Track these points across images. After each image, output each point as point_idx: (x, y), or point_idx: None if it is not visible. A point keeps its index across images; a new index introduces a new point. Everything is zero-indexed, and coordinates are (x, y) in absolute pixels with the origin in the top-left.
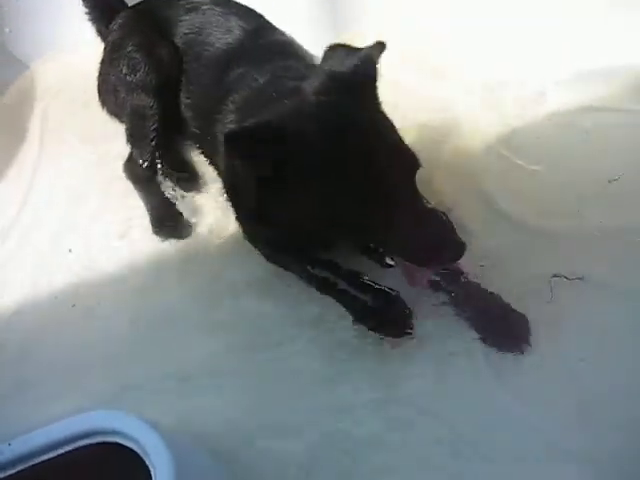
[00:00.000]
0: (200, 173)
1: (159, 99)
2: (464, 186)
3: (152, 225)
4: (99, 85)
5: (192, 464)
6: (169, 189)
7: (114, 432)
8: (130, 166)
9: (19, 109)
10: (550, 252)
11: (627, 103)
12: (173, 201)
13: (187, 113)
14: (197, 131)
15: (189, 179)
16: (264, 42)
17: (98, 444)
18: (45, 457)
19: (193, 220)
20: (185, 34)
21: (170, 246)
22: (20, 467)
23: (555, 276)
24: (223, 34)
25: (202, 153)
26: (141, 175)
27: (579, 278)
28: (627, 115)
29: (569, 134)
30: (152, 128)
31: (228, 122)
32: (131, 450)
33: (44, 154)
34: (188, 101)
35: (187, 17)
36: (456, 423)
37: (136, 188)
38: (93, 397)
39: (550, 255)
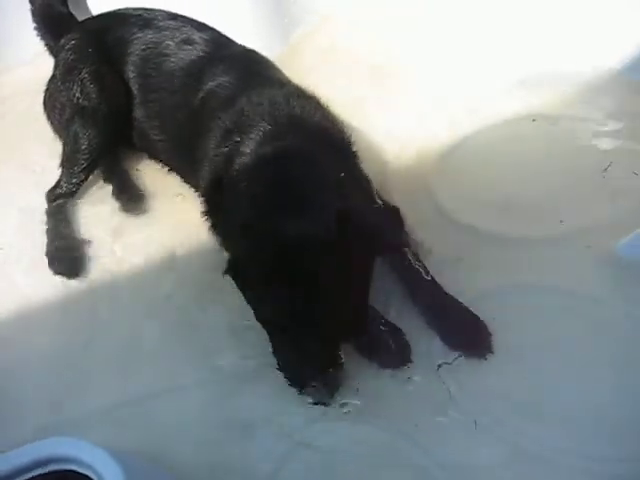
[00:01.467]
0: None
1: (105, 129)
2: (415, 191)
3: (47, 257)
4: (46, 100)
5: None
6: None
7: (68, 460)
8: (52, 192)
9: None
10: (500, 257)
11: (569, 110)
12: (80, 240)
13: (148, 125)
14: (162, 141)
15: (134, 199)
16: (229, 53)
17: (52, 472)
18: None
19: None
20: (142, 50)
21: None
22: None
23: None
24: (185, 45)
25: (166, 163)
26: (58, 201)
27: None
28: (571, 122)
29: (518, 140)
30: (86, 158)
31: (217, 144)
32: (87, 477)
33: None
34: (148, 112)
35: (141, 34)
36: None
37: (47, 213)
38: (41, 426)
39: (500, 260)
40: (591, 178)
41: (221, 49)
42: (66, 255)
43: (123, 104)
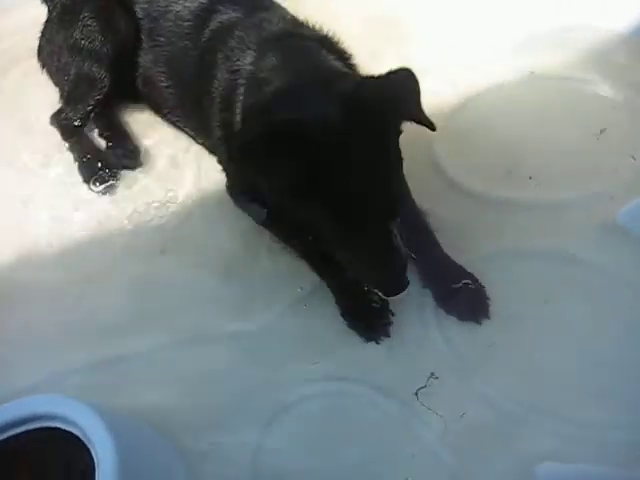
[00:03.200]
0: (142, 147)
1: (111, 71)
2: (417, 156)
3: (82, 174)
4: (41, 46)
5: (137, 445)
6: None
7: (54, 417)
8: (58, 118)
9: None
10: (500, 222)
11: (577, 69)
12: (101, 150)
13: (155, 71)
14: (168, 85)
15: (131, 154)
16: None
17: (38, 429)
18: None
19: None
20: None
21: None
22: None
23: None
24: None
25: (171, 116)
26: (71, 129)
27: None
28: (575, 83)
29: (518, 102)
30: (96, 98)
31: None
32: (72, 434)
33: None
34: (156, 56)
35: None
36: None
37: (64, 139)
38: (27, 381)
39: (500, 225)
40: (593, 144)
41: None
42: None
43: (129, 45)
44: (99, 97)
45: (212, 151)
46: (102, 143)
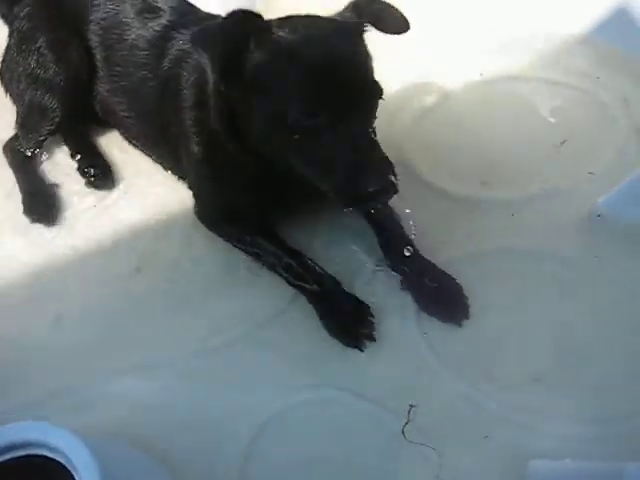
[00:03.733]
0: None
1: (65, 100)
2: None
3: (23, 205)
4: (2, 70)
5: (124, 472)
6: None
7: (39, 444)
8: (11, 145)
9: None
10: (476, 221)
11: (544, 72)
12: (50, 184)
13: (114, 100)
14: (129, 116)
15: (102, 175)
16: (194, 19)
17: (22, 457)
18: None
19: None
20: (102, 19)
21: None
22: None
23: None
24: (146, 14)
25: (136, 143)
26: (22, 158)
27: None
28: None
29: (492, 103)
30: (48, 128)
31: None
32: (58, 463)
33: None
34: (114, 86)
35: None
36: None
37: (13, 169)
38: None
39: (476, 224)
40: (565, 141)
41: (185, 16)
42: (41, 200)
43: (84, 75)
44: (51, 127)
45: (181, 177)
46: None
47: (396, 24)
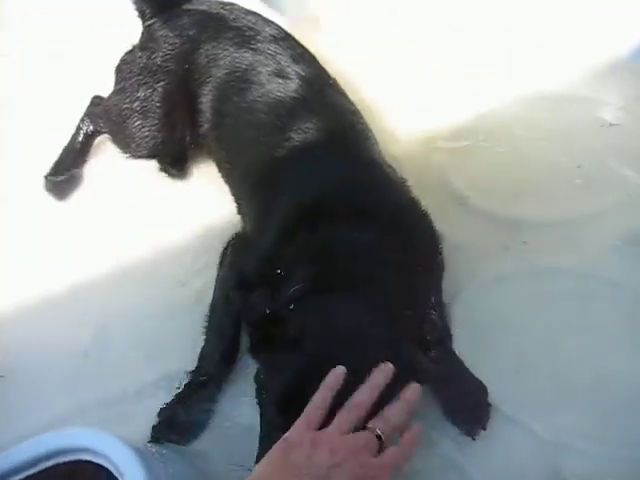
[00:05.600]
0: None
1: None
2: (429, 181)
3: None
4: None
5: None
6: None
7: (84, 449)
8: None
9: None
10: (515, 241)
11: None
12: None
13: (217, 146)
14: (228, 167)
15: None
16: (328, 102)
17: (68, 463)
18: None
19: None
20: (230, 72)
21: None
22: None
23: None
24: (276, 78)
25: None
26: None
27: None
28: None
29: (528, 121)
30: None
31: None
32: (103, 467)
33: None
34: (220, 135)
35: (236, 54)
36: None
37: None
38: (53, 416)
39: (515, 244)
40: (604, 162)
41: (313, 94)
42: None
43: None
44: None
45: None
46: None
47: None
